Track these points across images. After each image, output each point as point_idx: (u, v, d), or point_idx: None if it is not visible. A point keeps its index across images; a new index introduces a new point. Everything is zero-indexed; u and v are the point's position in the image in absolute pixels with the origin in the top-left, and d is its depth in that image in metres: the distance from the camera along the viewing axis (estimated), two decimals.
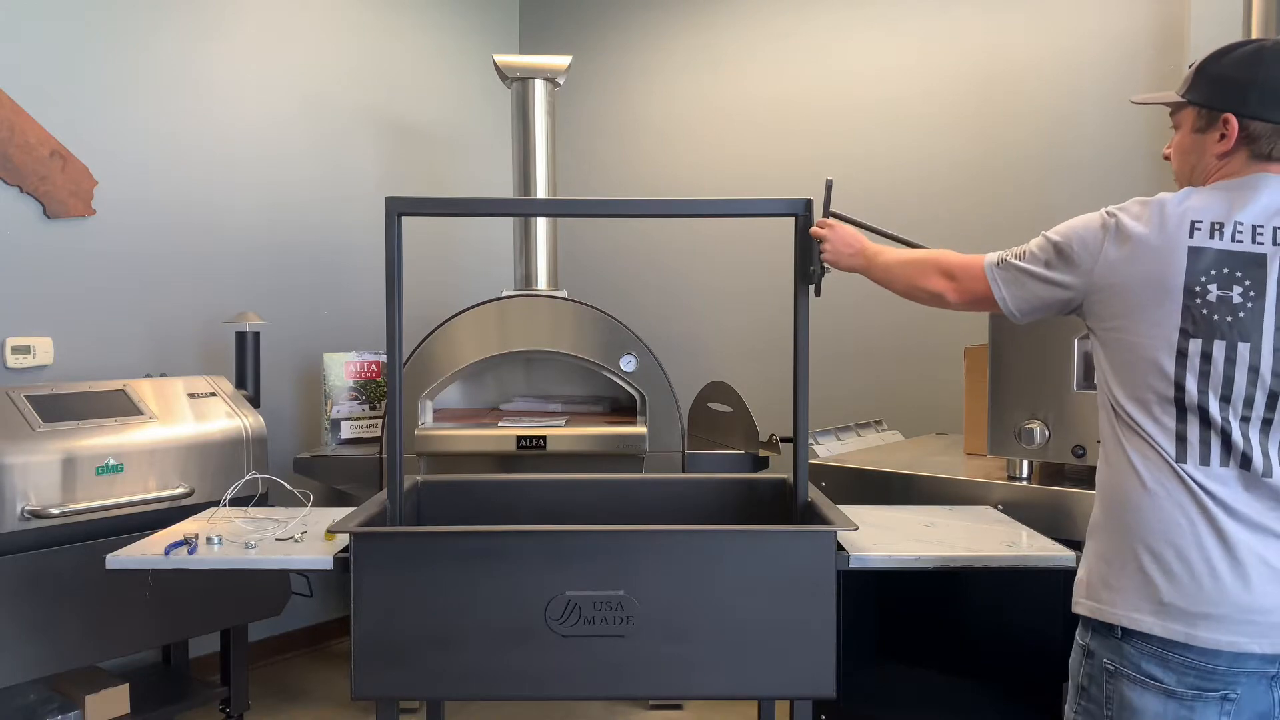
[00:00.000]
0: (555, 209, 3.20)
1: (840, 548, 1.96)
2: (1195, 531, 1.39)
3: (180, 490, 2.79)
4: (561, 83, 3.79)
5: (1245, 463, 1.40)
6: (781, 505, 2.45)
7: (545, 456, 3.24)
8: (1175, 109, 1.59)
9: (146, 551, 2.06)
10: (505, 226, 4.39)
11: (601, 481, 2.58)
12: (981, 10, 3.60)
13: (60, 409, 2.68)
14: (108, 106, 3.23)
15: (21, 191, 3.01)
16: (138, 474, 2.73)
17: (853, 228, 2.01)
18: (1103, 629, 1.46)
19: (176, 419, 2.88)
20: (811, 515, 2.15)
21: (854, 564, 1.96)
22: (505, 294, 3.46)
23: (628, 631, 1.91)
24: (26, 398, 2.65)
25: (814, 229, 2.06)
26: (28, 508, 2.49)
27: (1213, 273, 1.40)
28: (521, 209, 3.56)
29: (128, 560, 2.04)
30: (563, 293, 3.57)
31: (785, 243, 2.21)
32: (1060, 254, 1.53)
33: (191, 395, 2.99)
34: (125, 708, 2.84)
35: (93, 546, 2.55)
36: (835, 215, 2.09)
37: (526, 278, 3.73)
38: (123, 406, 2.81)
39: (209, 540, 2.10)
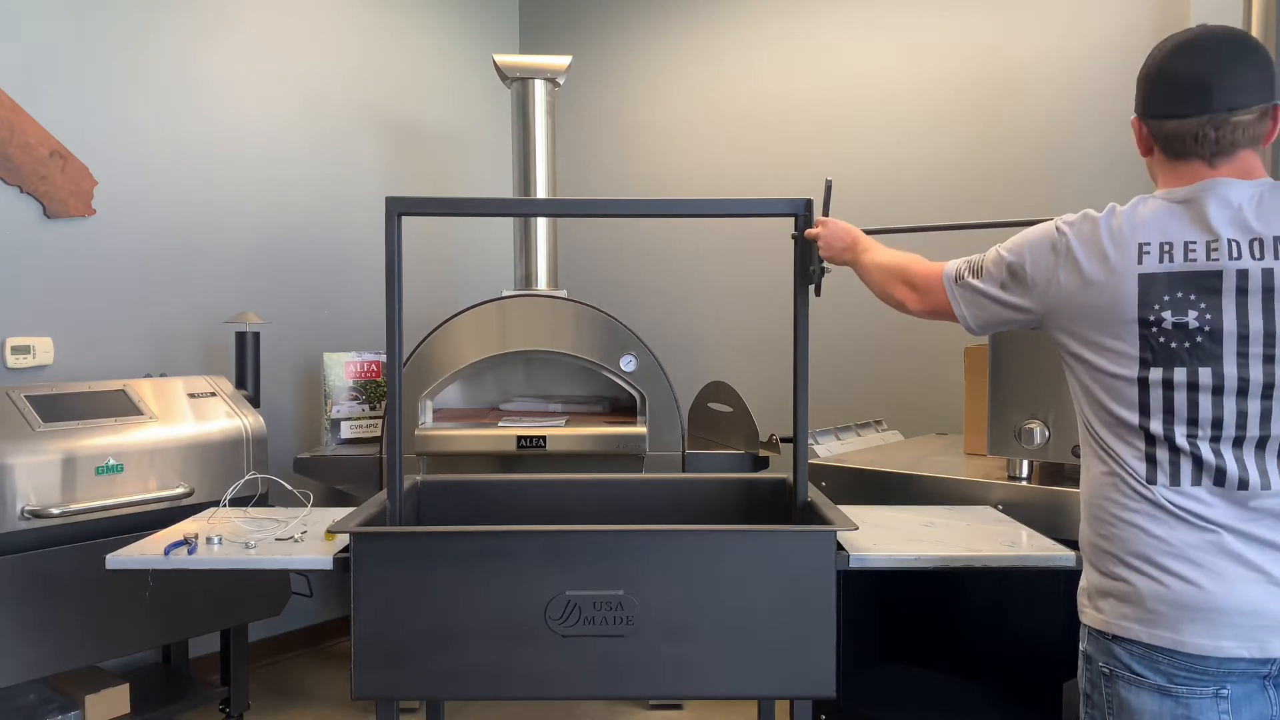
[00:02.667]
0: (555, 209, 3.19)
1: (840, 548, 1.96)
2: (1172, 546, 1.36)
3: (180, 490, 2.79)
4: (561, 83, 3.79)
5: (1220, 478, 1.36)
6: (781, 505, 2.45)
7: (545, 456, 3.24)
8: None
9: (146, 551, 2.06)
10: (505, 226, 4.39)
11: (601, 481, 2.58)
12: (982, 10, 3.60)
13: (60, 409, 2.68)
14: (108, 106, 3.23)
15: (21, 191, 3.01)
16: (138, 474, 2.73)
17: (846, 222, 2.01)
18: (1096, 634, 1.46)
19: (176, 419, 2.88)
20: (811, 515, 2.15)
21: (854, 564, 1.96)
22: (505, 294, 3.46)
23: (628, 631, 1.92)
24: (26, 398, 2.65)
25: (809, 230, 2.06)
26: (28, 508, 2.49)
27: (1165, 299, 1.35)
28: (521, 209, 3.56)
29: (128, 560, 2.04)
30: (563, 293, 3.57)
31: (785, 243, 2.21)
32: (1014, 276, 1.49)
33: (191, 395, 2.99)
34: (125, 708, 2.84)
35: (93, 546, 2.55)
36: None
37: (526, 278, 3.73)
38: (123, 406, 2.81)
39: (209, 540, 2.10)
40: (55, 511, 2.51)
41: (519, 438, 3.23)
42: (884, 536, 2.10)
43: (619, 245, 4.53)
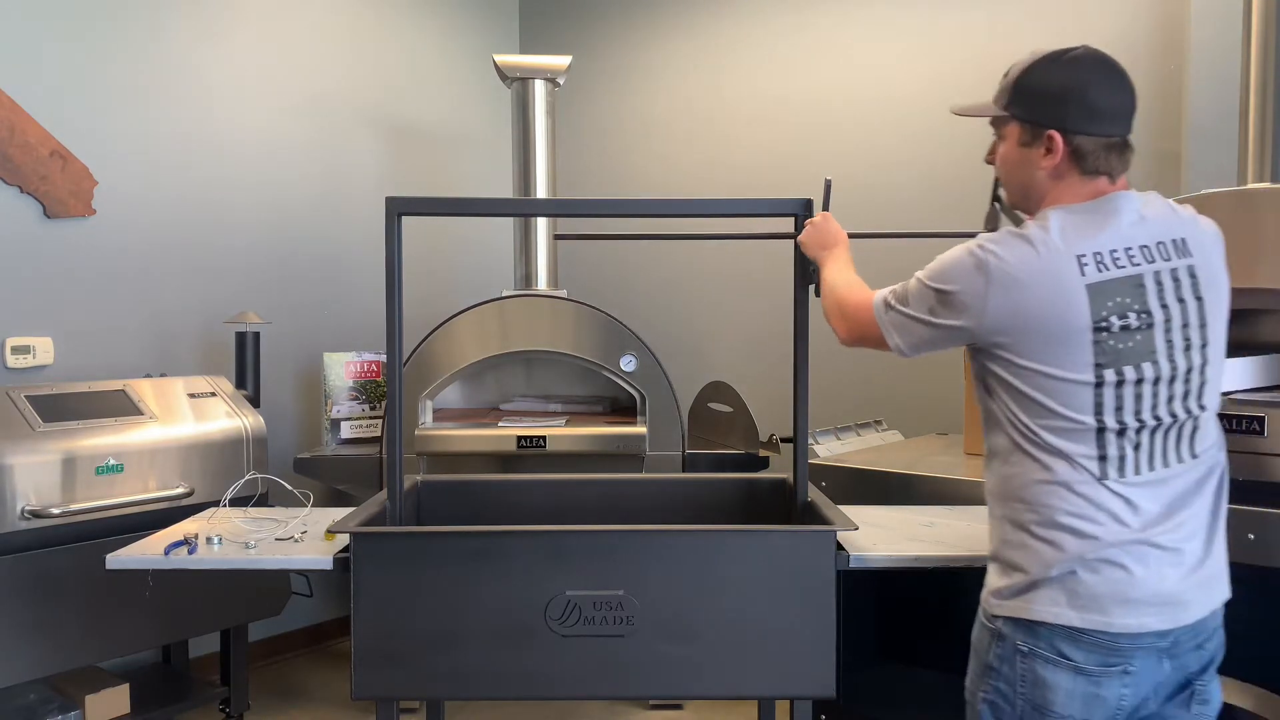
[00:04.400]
0: (555, 209, 3.19)
1: (840, 548, 1.96)
2: (1113, 539, 1.45)
3: (180, 490, 2.79)
4: (561, 83, 3.79)
5: (1159, 461, 1.48)
6: (781, 505, 2.45)
7: (545, 456, 3.23)
8: (996, 120, 1.62)
9: (146, 551, 2.06)
10: (505, 226, 4.39)
11: (601, 481, 2.58)
12: (983, 11, 3.60)
13: (60, 409, 2.68)
14: (108, 106, 3.23)
15: (21, 191, 3.01)
16: (138, 474, 2.73)
17: (839, 227, 2.00)
18: (1018, 620, 1.51)
19: (176, 419, 2.88)
20: (811, 515, 2.15)
21: (854, 564, 1.96)
22: (505, 294, 3.46)
23: (628, 631, 1.91)
24: (26, 398, 2.65)
25: (808, 220, 2.06)
26: (28, 508, 2.49)
27: (1110, 304, 1.45)
28: (521, 209, 3.56)
29: (128, 560, 2.04)
30: (563, 293, 3.57)
31: (785, 243, 2.21)
32: (943, 301, 1.53)
33: (191, 395, 2.99)
34: (125, 708, 2.84)
35: (93, 546, 2.55)
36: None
37: (526, 278, 3.73)
38: (123, 406, 2.81)
39: (209, 540, 2.10)
40: (55, 511, 2.51)
41: (519, 438, 3.23)
42: (884, 536, 2.10)
43: (619, 245, 4.52)
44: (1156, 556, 1.45)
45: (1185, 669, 1.51)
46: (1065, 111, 1.50)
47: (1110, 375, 1.45)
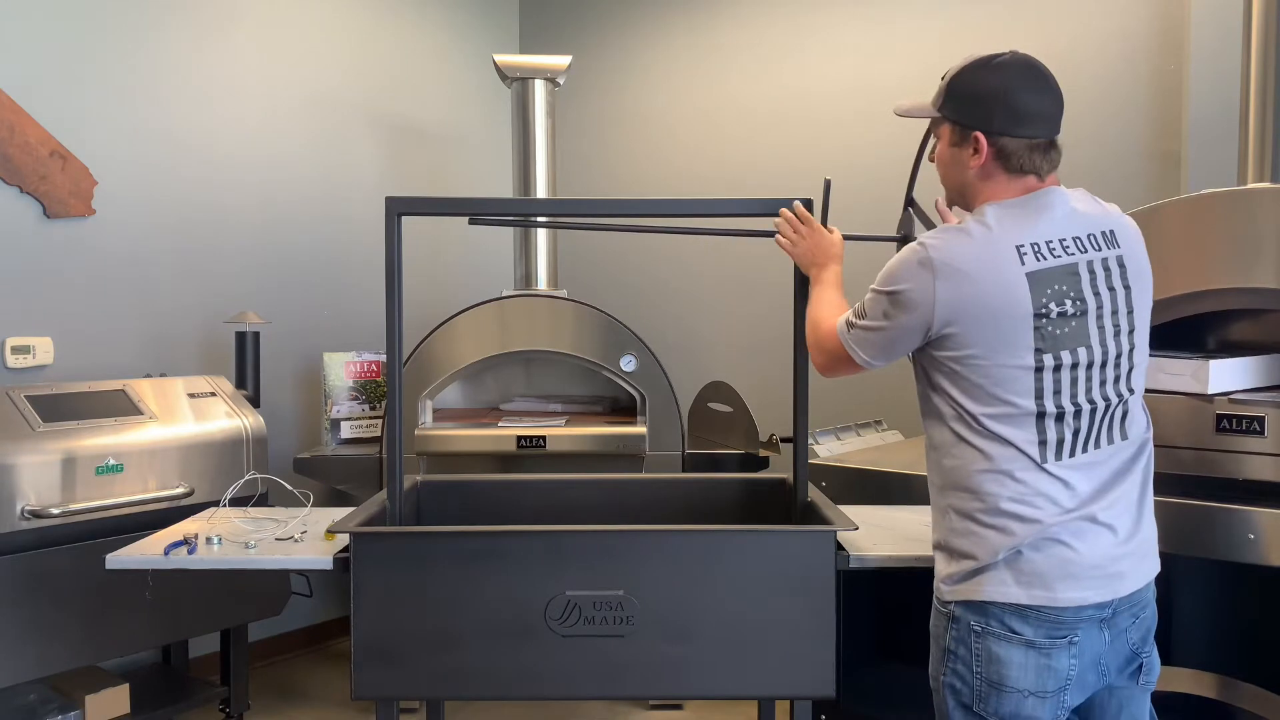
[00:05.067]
0: (555, 209, 3.19)
1: (840, 548, 1.96)
2: (1056, 520, 1.53)
3: (180, 490, 2.79)
4: (561, 83, 3.79)
5: (1093, 442, 1.57)
6: (781, 505, 2.45)
7: (545, 456, 3.23)
8: (933, 121, 1.70)
9: (146, 551, 2.06)
10: (505, 226, 4.38)
11: (601, 481, 2.58)
12: (983, 12, 3.60)
13: (60, 409, 2.68)
14: (108, 106, 3.23)
15: (21, 191, 3.01)
16: (138, 474, 2.73)
17: (838, 240, 2.00)
18: (969, 603, 1.58)
19: (176, 419, 2.88)
20: (811, 515, 2.15)
21: (854, 564, 1.96)
22: (505, 294, 3.46)
23: (628, 631, 1.92)
24: (26, 398, 2.65)
25: (778, 219, 2.06)
26: (28, 508, 2.49)
27: (1049, 291, 1.52)
28: (521, 209, 3.56)
29: (128, 560, 2.04)
30: (563, 293, 3.57)
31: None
32: (894, 302, 1.59)
33: (191, 395, 2.99)
34: (125, 708, 2.84)
35: (93, 546, 2.55)
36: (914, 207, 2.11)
37: (526, 278, 3.73)
38: (122, 406, 2.81)
39: (209, 540, 2.10)
40: (55, 511, 2.51)
41: (519, 438, 3.23)
42: (884, 536, 2.10)
43: (619, 245, 4.53)
44: (1094, 532, 1.54)
45: (1128, 640, 1.60)
46: (990, 114, 1.58)
47: (1049, 360, 1.53)
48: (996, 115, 1.58)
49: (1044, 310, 1.52)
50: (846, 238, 2.03)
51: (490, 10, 4.69)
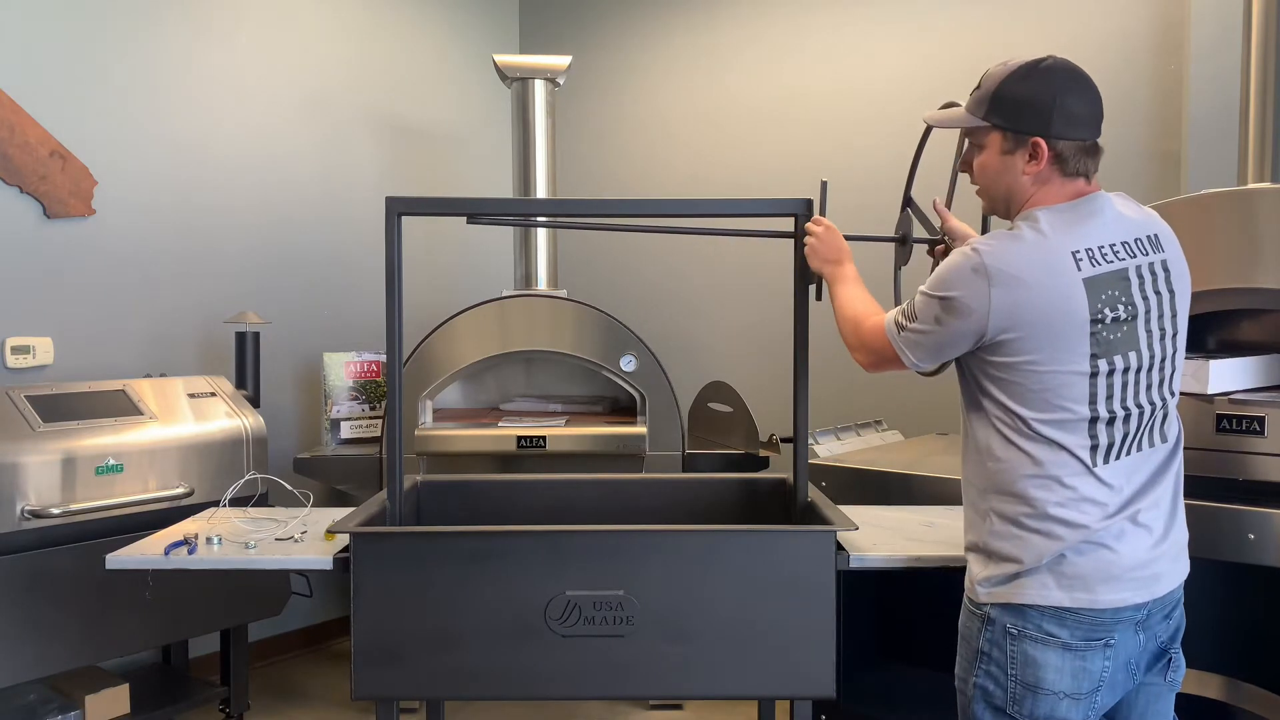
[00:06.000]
0: (555, 209, 3.19)
1: (840, 548, 1.96)
2: (1102, 523, 1.54)
3: (180, 490, 2.79)
4: (561, 83, 3.79)
5: (1136, 445, 1.58)
6: (781, 505, 2.45)
7: (545, 456, 3.23)
8: (974, 130, 1.67)
9: (146, 551, 2.06)
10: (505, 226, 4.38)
11: (601, 481, 2.58)
12: (983, 11, 3.60)
13: (60, 409, 2.68)
14: (108, 106, 3.23)
15: (21, 191, 3.01)
16: (137, 474, 2.73)
17: (842, 240, 2.00)
18: (1007, 605, 1.58)
19: (176, 419, 2.88)
20: (811, 515, 2.15)
21: (854, 564, 1.96)
22: (505, 294, 3.46)
23: (628, 631, 1.91)
24: (26, 398, 2.65)
25: (809, 224, 2.06)
26: (28, 508, 2.49)
27: (1104, 297, 1.54)
28: (521, 209, 3.56)
29: (128, 560, 2.04)
30: (563, 293, 3.57)
31: (785, 243, 2.21)
32: (947, 308, 1.58)
33: (191, 395, 2.99)
34: (125, 708, 2.84)
35: (93, 546, 2.55)
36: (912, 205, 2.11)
37: (526, 278, 3.73)
38: (122, 406, 2.81)
39: (209, 540, 2.10)
40: (55, 511, 2.51)
41: (519, 438, 3.23)
42: (884, 536, 2.10)
43: (619, 245, 4.53)
44: (1133, 533, 1.55)
45: (1157, 639, 1.61)
46: (1048, 119, 1.58)
47: (1104, 365, 1.54)
48: (1055, 120, 1.58)
49: (1099, 316, 1.53)
50: (847, 238, 2.03)
51: (490, 10, 4.69)
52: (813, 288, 2.14)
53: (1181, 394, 2.22)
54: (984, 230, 1.98)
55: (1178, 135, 3.16)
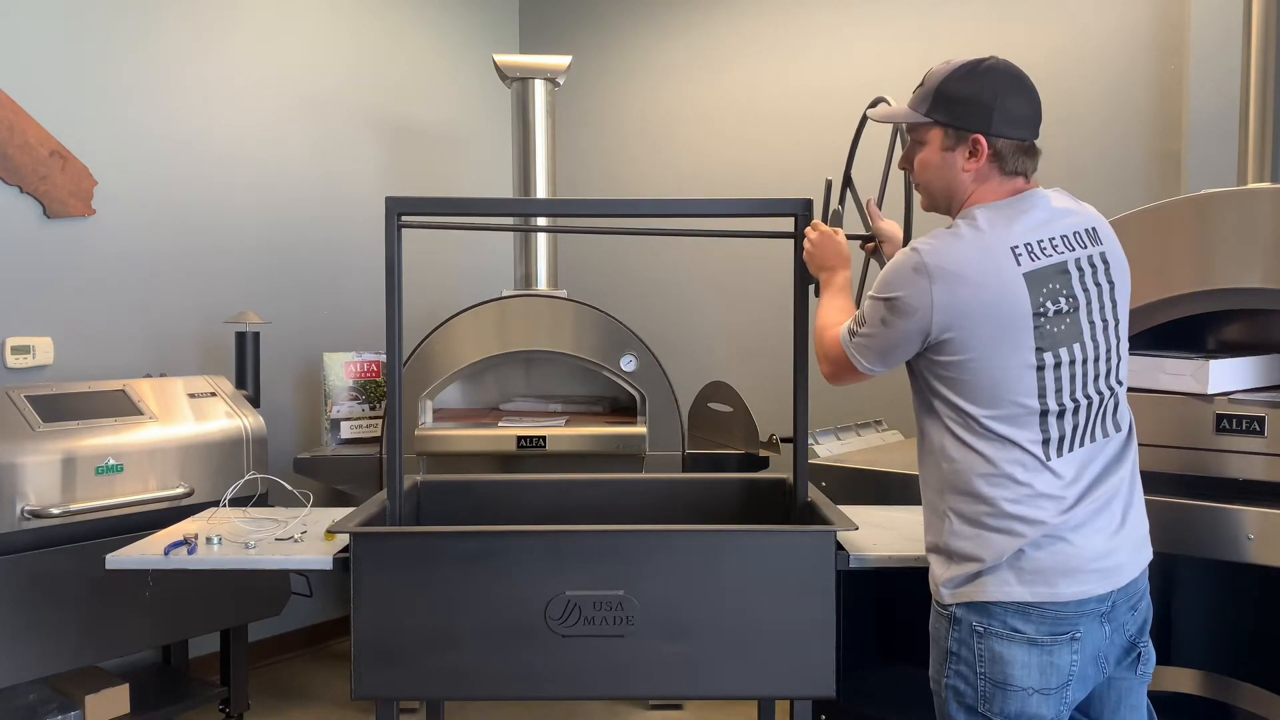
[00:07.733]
0: (555, 209, 3.20)
1: (840, 548, 1.96)
2: (1059, 518, 1.55)
3: (180, 490, 2.79)
4: (561, 83, 3.79)
5: (1089, 436, 1.59)
6: (781, 505, 2.45)
7: (545, 456, 3.23)
8: (916, 126, 1.70)
9: (146, 551, 2.06)
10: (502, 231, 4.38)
11: (601, 481, 2.58)
12: (982, 12, 3.60)
13: (60, 409, 2.68)
14: (108, 106, 3.23)
15: (21, 191, 3.01)
16: (137, 474, 2.73)
17: (844, 243, 2.00)
18: (971, 604, 1.59)
19: (176, 419, 2.88)
20: (811, 515, 2.16)
21: (854, 564, 1.96)
22: (505, 294, 3.46)
23: (628, 631, 1.92)
24: (26, 398, 2.65)
25: (808, 228, 2.06)
26: (28, 508, 2.49)
27: (1045, 290, 1.55)
28: (521, 209, 3.56)
29: (127, 560, 2.04)
30: (563, 293, 3.57)
31: (785, 243, 2.21)
32: (892, 308, 1.60)
33: (191, 395, 2.99)
34: (125, 708, 2.84)
35: (92, 546, 2.54)
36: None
37: (526, 278, 3.73)
38: (123, 406, 2.81)
39: (209, 540, 2.10)
40: (55, 512, 2.51)
41: (519, 438, 3.23)
42: (884, 536, 2.10)
43: (619, 245, 4.53)
44: (1091, 525, 1.56)
45: (1125, 631, 1.63)
46: (989, 117, 1.61)
47: (1049, 358, 1.56)
48: (994, 118, 1.60)
49: (1041, 310, 1.55)
50: (852, 238, 2.04)
51: (490, 10, 4.69)
52: (812, 287, 2.14)
53: (1181, 394, 2.23)
54: (906, 230, 2.01)
55: (1178, 135, 3.16)
